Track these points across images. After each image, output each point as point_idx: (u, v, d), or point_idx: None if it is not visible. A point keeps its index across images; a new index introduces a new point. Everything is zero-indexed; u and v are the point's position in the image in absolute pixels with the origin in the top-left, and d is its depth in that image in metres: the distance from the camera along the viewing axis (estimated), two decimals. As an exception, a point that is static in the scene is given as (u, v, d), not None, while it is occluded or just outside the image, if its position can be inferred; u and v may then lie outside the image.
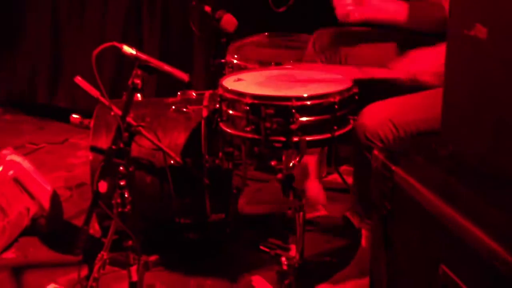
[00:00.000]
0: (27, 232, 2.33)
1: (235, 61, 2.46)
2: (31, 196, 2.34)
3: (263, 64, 2.40)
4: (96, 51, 1.63)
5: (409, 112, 1.70)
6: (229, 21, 2.26)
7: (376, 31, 2.13)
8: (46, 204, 2.35)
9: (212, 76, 2.51)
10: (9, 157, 2.36)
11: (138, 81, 1.72)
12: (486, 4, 1.03)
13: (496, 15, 1.01)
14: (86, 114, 2.20)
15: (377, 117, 1.69)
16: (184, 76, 1.79)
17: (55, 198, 2.39)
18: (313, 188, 2.39)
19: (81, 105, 3.46)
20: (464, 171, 1.11)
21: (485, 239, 0.94)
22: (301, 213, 1.82)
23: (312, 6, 3.04)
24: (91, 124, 2.21)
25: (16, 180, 2.31)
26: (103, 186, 1.71)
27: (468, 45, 1.06)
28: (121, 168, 1.75)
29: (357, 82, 1.82)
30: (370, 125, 1.68)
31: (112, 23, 3.51)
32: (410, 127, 1.68)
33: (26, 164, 2.38)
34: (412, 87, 1.82)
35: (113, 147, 1.75)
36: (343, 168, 2.75)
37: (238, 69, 2.39)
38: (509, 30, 0.98)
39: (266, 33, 2.82)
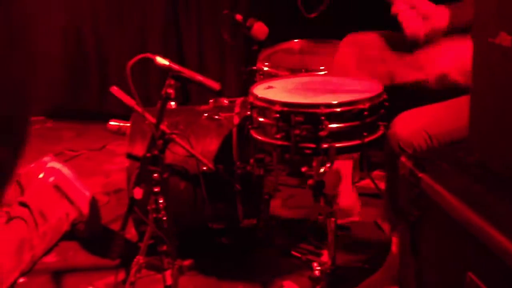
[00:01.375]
0: (66, 236, 2.41)
1: (266, 69, 2.50)
2: (71, 202, 2.42)
3: (294, 71, 2.42)
4: (130, 63, 1.69)
5: (442, 121, 1.70)
6: (260, 29, 2.30)
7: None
8: (85, 210, 2.42)
9: (243, 83, 2.56)
10: (49, 164, 2.44)
11: (171, 91, 1.77)
12: (508, 11, 1.03)
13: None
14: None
15: (410, 126, 1.70)
16: (215, 85, 1.83)
17: (93, 204, 2.47)
18: (348, 197, 2.39)
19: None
20: (491, 179, 1.11)
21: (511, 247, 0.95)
22: (332, 219, 1.84)
23: (344, 11, 3.06)
24: (128, 132, 2.28)
25: (56, 187, 2.39)
26: (138, 193, 1.77)
27: (493, 53, 1.06)
28: (155, 175, 1.80)
29: (387, 89, 1.82)
30: (404, 135, 1.69)
31: (152, 34, 3.62)
32: (443, 137, 1.67)
33: (65, 170, 2.46)
34: (441, 89, 1.82)
35: (148, 154, 1.80)
36: (375, 173, 2.75)
37: (269, 76, 2.42)
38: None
39: (296, 40, 2.84)
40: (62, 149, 3.39)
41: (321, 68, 2.39)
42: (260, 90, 1.89)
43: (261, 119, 1.81)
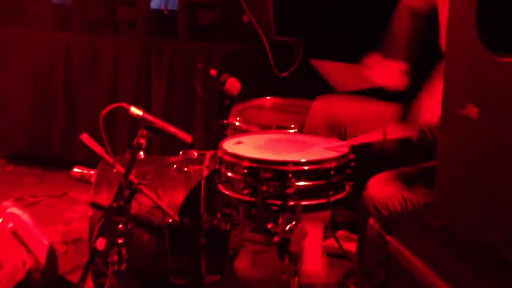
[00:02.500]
0: (21, 285, 2.32)
1: (237, 123, 2.52)
2: (28, 250, 2.34)
3: (264, 127, 2.45)
4: (104, 111, 1.68)
5: (417, 184, 1.74)
6: (233, 84, 2.33)
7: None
8: (42, 259, 2.35)
9: (214, 136, 2.57)
10: (9, 210, 2.38)
11: (142, 141, 1.77)
12: (477, 85, 1.08)
13: (487, 96, 1.06)
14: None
15: (385, 189, 1.73)
16: (187, 138, 1.84)
17: (51, 253, 2.39)
18: (315, 263, 2.37)
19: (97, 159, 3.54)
20: (456, 245, 1.13)
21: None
22: (296, 279, 1.82)
23: (314, 71, 3.15)
24: (93, 179, 2.24)
25: (15, 233, 2.32)
26: (101, 243, 1.73)
27: (460, 123, 1.10)
28: (120, 226, 1.77)
29: (363, 147, 1.86)
30: (379, 197, 1.72)
31: (122, 84, 3.63)
32: (417, 199, 1.71)
33: (25, 217, 2.40)
34: (422, 144, 1.87)
35: (114, 204, 1.77)
36: (340, 233, 2.76)
37: (240, 131, 2.44)
38: (499, 111, 1.03)
39: (268, 97, 2.90)
40: (22, 194, 3.31)
41: (291, 126, 2.42)
42: (230, 145, 1.90)
43: (229, 174, 1.81)
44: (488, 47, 1.05)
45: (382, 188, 1.74)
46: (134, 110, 1.76)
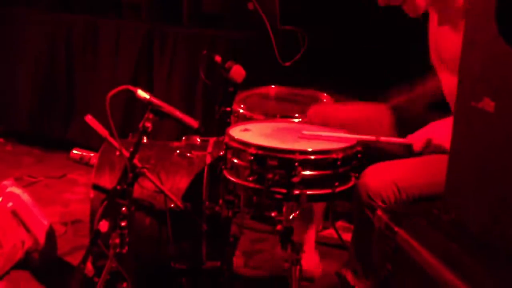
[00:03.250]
0: (19, 265, 2.31)
1: (241, 111, 2.51)
2: (27, 230, 2.33)
3: (269, 116, 2.45)
4: (110, 93, 1.67)
5: (413, 176, 1.73)
6: (238, 72, 2.32)
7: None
8: (41, 239, 2.34)
9: (217, 123, 2.56)
10: (9, 189, 2.37)
11: (148, 125, 1.76)
12: (494, 78, 1.08)
13: (504, 90, 1.06)
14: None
15: (380, 178, 1.73)
16: (194, 123, 1.83)
17: (50, 234, 2.38)
18: (310, 260, 2.38)
19: (95, 142, 3.53)
20: (465, 238, 1.13)
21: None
22: (298, 267, 1.83)
23: (317, 62, 3.14)
24: (93, 162, 2.23)
25: (14, 213, 2.31)
26: (104, 226, 1.72)
27: (475, 117, 1.10)
28: (123, 209, 1.76)
29: (366, 144, 1.86)
30: (373, 185, 1.71)
31: (124, 65, 3.60)
32: (412, 191, 1.71)
33: (25, 197, 2.39)
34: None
35: (118, 187, 1.77)
36: (340, 223, 2.76)
37: (244, 118, 2.43)
38: (515, 106, 1.03)
39: (272, 86, 2.88)
40: (21, 174, 3.29)
41: (295, 115, 2.41)
42: (237, 132, 1.89)
43: (235, 161, 1.81)
44: (508, 41, 1.04)
45: (376, 177, 1.74)
46: (141, 93, 1.75)
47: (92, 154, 3.55)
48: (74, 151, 3.63)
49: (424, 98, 2.05)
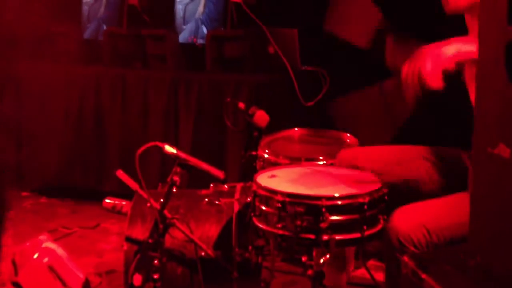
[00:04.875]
0: (57, 319, 2.36)
1: (266, 156, 2.56)
2: (64, 284, 2.39)
3: (293, 159, 2.48)
4: (140, 150, 1.74)
5: (442, 217, 1.73)
6: (261, 117, 2.38)
7: None
8: (78, 292, 2.39)
9: (243, 168, 2.61)
10: (44, 244, 2.44)
11: (176, 178, 1.82)
12: (508, 124, 1.10)
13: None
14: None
15: (409, 221, 1.72)
16: (219, 174, 1.88)
17: (86, 286, 2.43)
18: None
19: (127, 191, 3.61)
20: (492, 284, 1.13)
21: None
22: (330, 311, 1.83)
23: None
24: (125, 210, 2.29)
25: (51, 268, 2.37)
26: (138, 279, 1.76)
27: (492, 163, 1.12)
28: (155, 261, 1.80)
29: (389, 184, 1.87)
30: (403, 229, 1.71)
31: (152, 113, 3.71)
32: (443, 233, 1.70)
33: (60, 251, 2.45)
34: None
35: (150, 240, 1.82)
36: (371, 262, 2.75)
37: (269, 163, 2.47)
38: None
39: (295, 128, 2.93)
40: (56, 226, 3.38)
41: (320, 157, 2.45)
42: (264, 179, 1.93)
43: (263, 208, 1.84)
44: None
45: (405, 221, 1.73)
46: (169, 149, 1.82)
47: (124, 203, 3.65)
48: (107, 200, 3.74)
49: None
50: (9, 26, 3.65)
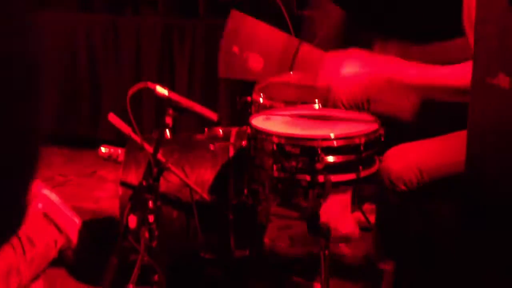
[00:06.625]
0: (54, 263, 2.37)
1: (261, 100, 2.51)
2: (59, 229, 2.39)
3: (289, 103, 2.44)
4: (131, 92, 1.70)
5: (434, 157, 1.72)
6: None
7: None
8: (74, 237, 2.39)
9: (238, 113, 2.57)
10: (37, 190, 2.42)
11: (169, 120, 1.78)
12: (508, 54, 1.06)
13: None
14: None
15: (402, 161, 1.72)
16: (213, 116, 1.85)
17: (82, 231, 2.44)
18: (348, 224, 2.39)
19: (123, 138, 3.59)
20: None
21: None
22: (327, 252, 1.84)
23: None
24: (121, 158, 2.27)
25: (45, 213, 2.36)
26: (133, 221, 1.76)
27: (491, 93, 1.09)
28: (150, 203, 1.79)
29: (384, 120, 1.84)
30: (395, 169, 1.71)
31: (145, 60, 3.65)
32: (434, 172, 1.70)
33: (53, 197, 2.43)
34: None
35: (144, 183, 1.80)
36: (366, 206, 2.76)
37: (264, 108, 2.44)
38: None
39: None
40: (52, 174, 3.37)
41: (315, 100, 2.40)
42: (259, 121, 1.91)
43: (258, 150, 1.82)
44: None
45: (397, 161, 1.73)
46: (160, 90, 1.78)
47: (120, 151, 3.62)
48: (102, 149, 3.70)
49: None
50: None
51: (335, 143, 1.73)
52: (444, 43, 1.91)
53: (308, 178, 1.73)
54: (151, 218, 1.80)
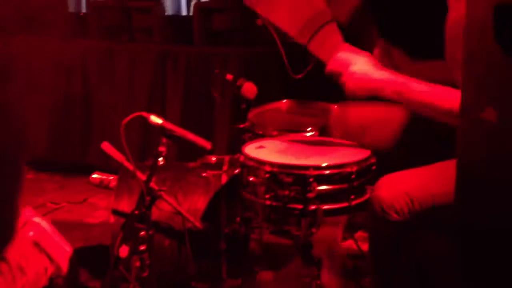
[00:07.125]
0: (44, 292, 2.35)
1: (254, 128, 2.53)
2: (49, 257, 2.37)
3: (282, 131, 2.46)
4: (125, 121, 1.71)
5: (425, 186, 1.73)
6: (249, 89, 2.34)
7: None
8: (64, 265, 2.37)
9: (231, 141, 2.58)
10: (29, 218, 2.41)
11: (163, 149, 1.79)
12: (495, 87, 1.08)
13: (505, 99, 1.06)
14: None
15: (393, 190, 1.72)
16: (207, 145, 1.86)
17: (73, 260, 2.42)
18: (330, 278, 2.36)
19: (114, 165, 3.58)
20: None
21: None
22: (318, 282, 1.84)
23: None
24: (112, 185, 2.27)
25: (35, 242, 2.35)
26: (124, 251, 1.75)
27: (479, 127, 1.11)
28: (142, 233, 1.79)
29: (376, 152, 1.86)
30: (386, 198, 1.71)
31: (139, 87, 3.67)
32: (425, 201, 1.70)
33: (45, 224, 2.42)
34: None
35: (136, 212, 1.80)
36: (359, 234, 2.75)
37: (257, 135, 2.45)
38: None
39: (284, 100, 2.90)
40: (43, 201, 3.36)
41: (308, 129, 2.42)
42: (251, 150, 1.92)
43: (251, 179, 1.83)
44: (506, 51, 1.05)
45: (389, 189, 1.73)
46: (154, 119, 1.79)
47: (111, 177, 3.62)
48: (94, 176, 3.71)
49: None
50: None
51: (327, 172, 1.74)
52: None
53: (300, 206, 1.74)
54: (142, 247, 1.79)
